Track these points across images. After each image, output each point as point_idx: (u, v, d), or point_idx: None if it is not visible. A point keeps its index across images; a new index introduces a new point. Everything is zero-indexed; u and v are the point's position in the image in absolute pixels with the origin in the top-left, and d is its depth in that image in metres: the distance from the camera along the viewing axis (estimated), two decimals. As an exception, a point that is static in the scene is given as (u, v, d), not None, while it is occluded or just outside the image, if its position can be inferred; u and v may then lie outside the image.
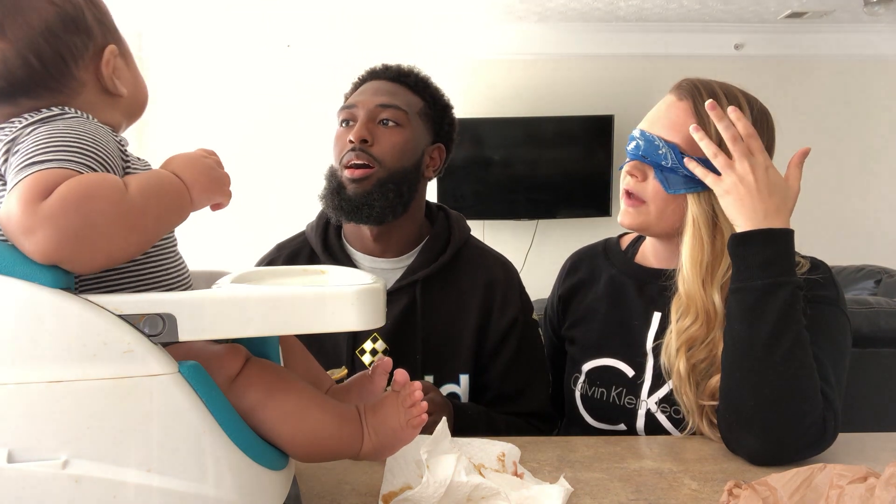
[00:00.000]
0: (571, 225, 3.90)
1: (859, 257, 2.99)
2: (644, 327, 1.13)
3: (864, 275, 2.64)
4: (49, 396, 0.55)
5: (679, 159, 1.03)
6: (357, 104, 1.20)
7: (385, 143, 1.17)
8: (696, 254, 1.03)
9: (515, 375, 1.24)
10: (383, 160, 1.17)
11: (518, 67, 3.88)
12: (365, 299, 0.60)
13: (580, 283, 1.26)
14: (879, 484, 0.63)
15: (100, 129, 0.62)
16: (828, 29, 3.87)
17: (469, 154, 3.80)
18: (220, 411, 0.60)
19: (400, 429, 0.69)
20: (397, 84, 1.23)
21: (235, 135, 3.75)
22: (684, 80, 1.08)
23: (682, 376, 1.03)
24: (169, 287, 0.67)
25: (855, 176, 4.05)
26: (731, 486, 0.72)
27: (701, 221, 1.03)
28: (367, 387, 0.79)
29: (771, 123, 1.08)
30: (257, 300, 0.59)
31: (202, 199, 0.63)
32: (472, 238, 1.33)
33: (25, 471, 0.54)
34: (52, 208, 0.51)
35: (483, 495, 0.75)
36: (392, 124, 1.18)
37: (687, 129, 1.02)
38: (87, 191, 0.53)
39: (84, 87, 0.65)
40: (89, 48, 0.65)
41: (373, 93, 1.21)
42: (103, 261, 0.55)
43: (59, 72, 0.63)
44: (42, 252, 0.52)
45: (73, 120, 0.61)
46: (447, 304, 1.23)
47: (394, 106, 1.19)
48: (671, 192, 1.05)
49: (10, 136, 0.59)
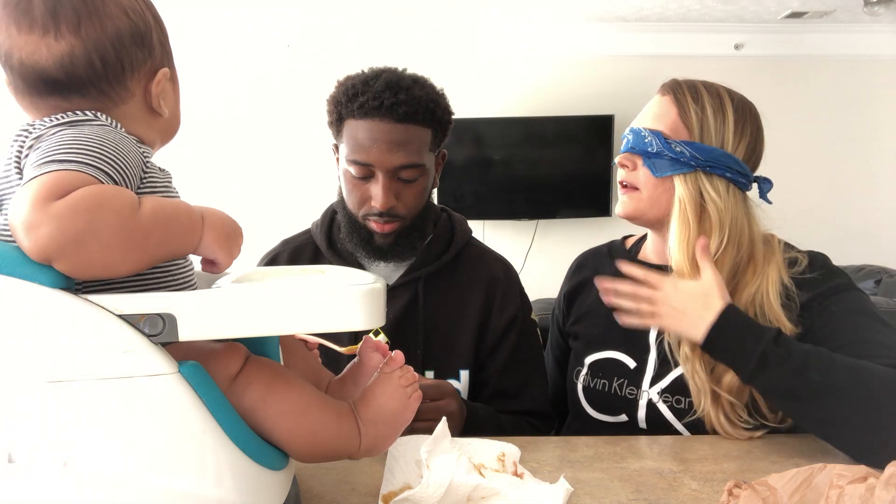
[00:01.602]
0: (571, 225, 3.90)
1: (859, 257, 2.99)
2: None
3: (864, 275, 2.65)
4: (49, 396, 0.55)
5: (663, 143, 1.09)
6: (374, 164, 1.14)
7: (408, 199, 1.19)
8: (682, 231, 1.08)
9: (513, 373, 1.25)
10: (408, 215, 1.20)
11: (518, 67, 3.88)
12: (365, 299, 0.60)
13: (585, 281, 1.29)
14: (879, 484, 0.63)
15: (124, 139, 0.63)
16: (828, 29, 3.87)
17: (469, 154, 3.80)
18: (220, 411, 0.60)
19: (401, 407, 0.70)
20: (408, 125, 1.15)
21: (235, 135, 3.74)
22: (668, 80, 1.16)
23: (689, 356, 1.05)
24: (172, 288, 0.67)
25: (855, 176, 4.04)
26: (731, 486, 0.72)
27: (687, 201, 1.08)
28: (359, 372, 0.79)
29: (754, 114, 1.13)
30: (257, 300, 0.59)
31: (210, 246, 0.62)
32: (473, 239, 1.35)
33: (25, 471, 0.54)
34: (61, 209, 0.52)
35: (483, 495, 0.75)
36: (414, 179, 1.18)
37: (669, 118, 1.10)
38: (100, 200, 0.54)
39: (132, 98, 0.69)
40: (147, 65, 0.69)
41: (388, 148, 1.13)
42: (96, 270, 0.55)
43: (115, 78, 0.66)
44: (40, 249, 0.52)
45: (99, 127, 0.63)
46: (448, 301, 1.25)
47: (413, 165, 1.16)
48: (658, 176, 1.10)
49: (36, 132, 0.61)
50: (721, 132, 1.09)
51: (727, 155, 1.08)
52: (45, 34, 0.63)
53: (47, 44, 0.63)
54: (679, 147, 1.08)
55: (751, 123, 1.11)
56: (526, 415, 1.24)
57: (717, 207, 1.07)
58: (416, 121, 1.16)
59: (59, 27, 0.63)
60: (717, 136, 1.09)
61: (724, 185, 1.08)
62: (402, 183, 1.18)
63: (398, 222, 1.19)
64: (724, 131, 1.09)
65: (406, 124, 1.14)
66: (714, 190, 1.07)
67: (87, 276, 0.56)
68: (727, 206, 1.07)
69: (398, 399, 0.70)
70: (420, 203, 1.22)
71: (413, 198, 1.20)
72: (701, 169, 1.08)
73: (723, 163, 1.08)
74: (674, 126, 1.10)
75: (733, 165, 1.08)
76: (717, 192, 1.07)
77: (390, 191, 1.16)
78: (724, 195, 1.07)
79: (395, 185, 1.17)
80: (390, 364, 0.72)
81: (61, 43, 0.63)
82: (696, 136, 1.09)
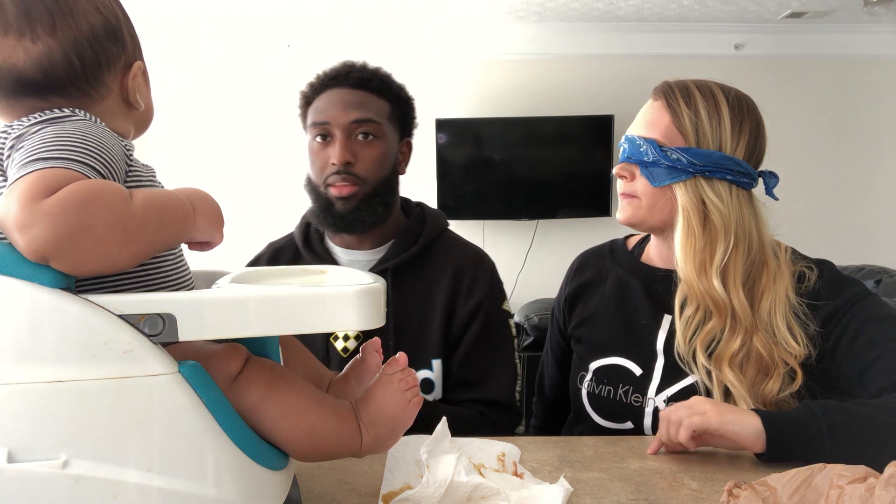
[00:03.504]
0: (571, 225, 3.90)
1: (859, 257, 2.98)
2: (653, 327, 1.14)
3: (864, 275, 2.64)
4: (49, 396, 0.55)
5: (659, 152, 1.07)
6: (331, 121, 1.22)
7: (367, 159, 1.23)
8: (688, 241, 1.06)
9: (477, 361, 1.26)
10: (367, 178, 1.23)
11: (518, 67, 3.88)
12: (365, 299, 0.60)
13: (587, 283, 1.27)
14: (879, 484, 0.63)
15: (106, 133, 0.63)
16: (828, 29, 3.87)
17: (469, 154, 3.79)
18: (220, 411, 0.60)
19: (400, 410, 0.69)
20: (362, 91, 1.25)
21: (235, 134, 3.74)
22: (660, 83, 1.14)
23: (705, 364, 1.04)
24: (170, 288, 0.67)
25: (855, 176, 4.04)
26: (731, 486, 0.71)
27: (690, 209, 1.06)
28: (361, 370, 0.79)
29: (752, 108, 1.11)
30: (257, 300, 0.59)
31: (205, 228, 0.64)
32: (448, 231, 1.36)
33: (25, 471, 0.54)
34: (52, 207, 0.51)
35: (483, 495, 0.75)
36: (370, 137, 1.23)
37: (662, 125, 1.08)
38: (90, 195, 0.53)
39: (110, 94, 0.69)
40: (121, 59, 0.69)
41: (343, 106, 1.23)
42: (94, 266, 0.55)
43: (94, 76, 0.66)
44: (35, 248, 0.52)
45: (80, 122, 0.63)
46: (418, 292, 1.27)
47: (368, 120, 1.23)
48: (657, 185, 1.08)
49: (16, 132, 0.60)
50: (718, 134, 1.06)
51: (726, 157, 1.06)
52: (20, 37, 0.62)
53: (24, 46, 0.62)
54: (675, 154, 1.06)
55: (749, 120, 1.09)
56: (485, 405, 1.24)
57: (721, 213, 1.05)
58: (371, 89, 1.25)
59: (35, 29, 0.62)
60: (713, 139, 1.06)
61: (727, 188, 1.06)
62: (359, 143, 1.22)
63: (357, 185, 1.22)
64: (720, 133, 1.06)
65: (361, 90, 1.24)
66: (716, 195, 1.05)
67: (85, 272, 0.56)
68: (731, 209, 1.05)
69: (397, 402, 0.69)
70: (379, 169, 1.24)
71: (371, 160, 1.23)
72: (700, 174, 1.05)
73: (723, 166, 1.05)
74: (668, 133, 1.08)
75: (734, 167, 1.06)
76: (720, 196, 1.05)
77: (346, 147, 1.21)
78: (726, 199, 1.05)
79: (351, 143, 1.22)
80: (392, 366, 0.71)
81: (38, 45, 0.62)
82: (691, 141, 1.07)
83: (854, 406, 0.92)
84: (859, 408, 0.91)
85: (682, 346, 1.07)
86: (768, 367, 1.03)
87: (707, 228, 1.06)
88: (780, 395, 1.03)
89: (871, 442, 0.87)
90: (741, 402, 1.02)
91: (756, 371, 1.04)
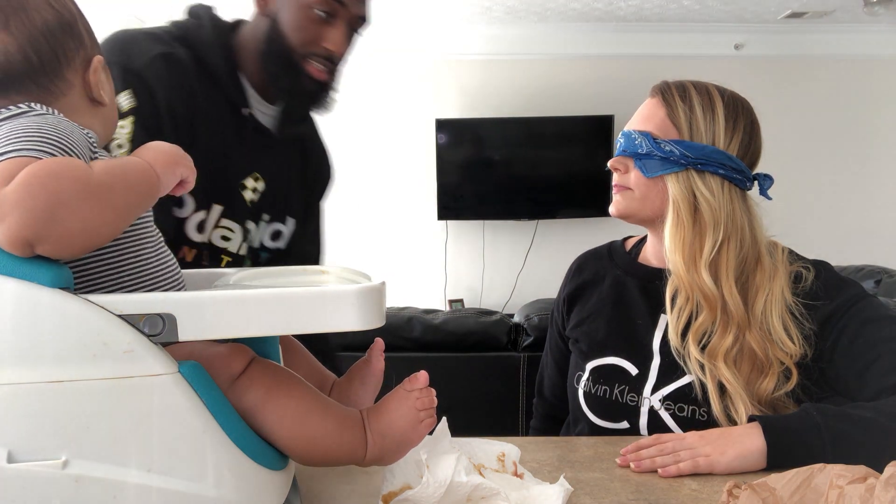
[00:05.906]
0: (571, 225, 3.90)
1: (859, 257, 2.98)
2: (649, 327, 1.14)
3: (864, 275, 2.64)
4: (49, 396, 0.55)
5: (653, 144, 1.09)
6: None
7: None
8: (677, 232, 1.07)
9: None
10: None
11: (518, 67, 3.88)
12: (365, 299, 0.60)
13: (585, 283, 1.28)
14: (879, 484, 0.63)
15: (64, 122, 0.62)
16: (828, 29, 3.87)
17: (469, 154, 3.80)
18: (220, 411, 0.60)
19: (410, 429, 0.69)
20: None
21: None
22: (658, 82, 1.15)
23: (698, 358, 1.04)
24: (162, 286, 0.67)
25: (855, 176, 4.05)
26: (730, 486, 0.71)
27: (680, 200, 1.07)
28: (366, 372, 0.79)
29: (747, 109, 1.12)
30: (257, 300, 0.59)
31: (167, 173, 0.64)
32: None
33: (25, 471, 0.54)
34: (16, 192, 0.51)
35: (483, 495, 0.75)
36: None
37: (658, 118, 1.10)
38: (50, 171, 0.52)
39: (71, 89, 0.68)
40: (79, 54, 0.69)
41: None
42: (80, 240, 0.54)
43: (52, 70, 0.66)
44: (14, 236, 0.51)
45: (35, 115, 0.62)
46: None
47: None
48: (649, 176, 1.10)
49: None
50: (711, 129, 1.08)
51: (719, 151, 1.07)
52: None
53: None
54: (668, 146, 1.07)
55: (743, 118, 1.10)
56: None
57: (711, 205, 1.06)
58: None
59: None
60: (707, 133, 1.08)
61: (719, 183, 1.07)
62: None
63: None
64: (714, 128, 1.08)
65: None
66: (706, 188, 1.07)
67: (74, 249, 0.55)
68: (721, 203, 1.06)
69: (409, 420, 0.68)
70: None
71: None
72: (692, 167, 1.07)
73: (715, 160, 1.07)
74: (663, 126, 1.10)
75: (727, 162, 1.07)
76: (710, 189, 1.07)
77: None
78: (717, 192, 1.06)
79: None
80: (412, 382, 0.70)
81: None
82: (685, 134, 1.08)
83: (855, 411, 0.91)
84: (861, 413, 0.91)
85: (675, 339, 1.07)
86: (763, 364, 1.03)
87: (697, 221, 1.07)
88: (776, 394, 1.03)
89: (873, 450, 0.87)
90: (737, 399, 1.02)
91: (751, 368, 1.04)
